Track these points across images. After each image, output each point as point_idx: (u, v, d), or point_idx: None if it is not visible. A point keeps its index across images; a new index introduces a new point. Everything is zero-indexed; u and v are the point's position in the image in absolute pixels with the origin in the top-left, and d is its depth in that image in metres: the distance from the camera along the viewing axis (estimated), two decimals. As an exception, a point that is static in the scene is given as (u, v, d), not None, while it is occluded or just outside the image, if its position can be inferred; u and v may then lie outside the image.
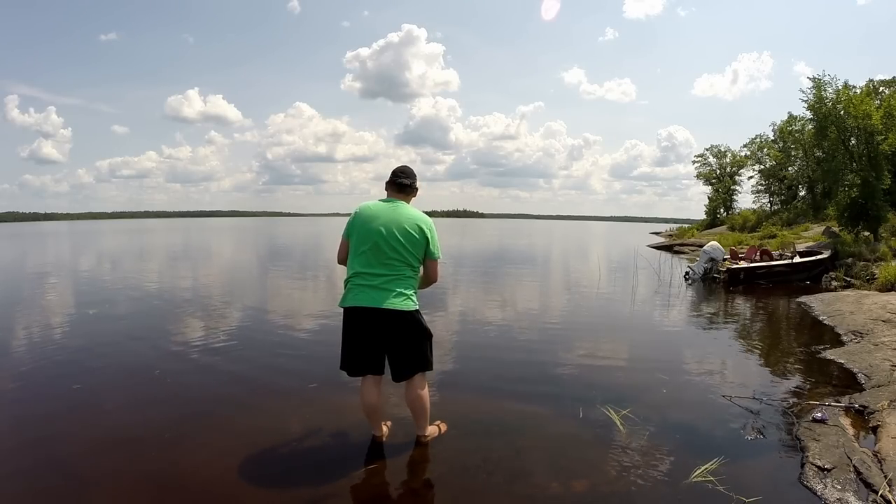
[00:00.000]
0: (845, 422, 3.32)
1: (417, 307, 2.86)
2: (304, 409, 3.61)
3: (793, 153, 31.43)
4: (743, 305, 8.87)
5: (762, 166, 34.77)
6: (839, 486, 2.53)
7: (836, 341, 5.76)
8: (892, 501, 2.38)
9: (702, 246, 14.37)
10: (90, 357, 4.94)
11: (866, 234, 14.05)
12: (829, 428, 3.18)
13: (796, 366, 4.90)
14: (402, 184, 2.95)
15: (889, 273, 8.83)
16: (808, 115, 16.40)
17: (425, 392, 2.95)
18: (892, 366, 4.44)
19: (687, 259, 16.97)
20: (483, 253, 20.59)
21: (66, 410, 3.59)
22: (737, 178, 39.94)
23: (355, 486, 2.63)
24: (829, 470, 2.68)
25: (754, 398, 3.78)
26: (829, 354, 5.12)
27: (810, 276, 11.08)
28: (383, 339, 2.80)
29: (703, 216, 41.67)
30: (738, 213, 34.91)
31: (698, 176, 42.53)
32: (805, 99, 15.28)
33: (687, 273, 11.84)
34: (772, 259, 11.83)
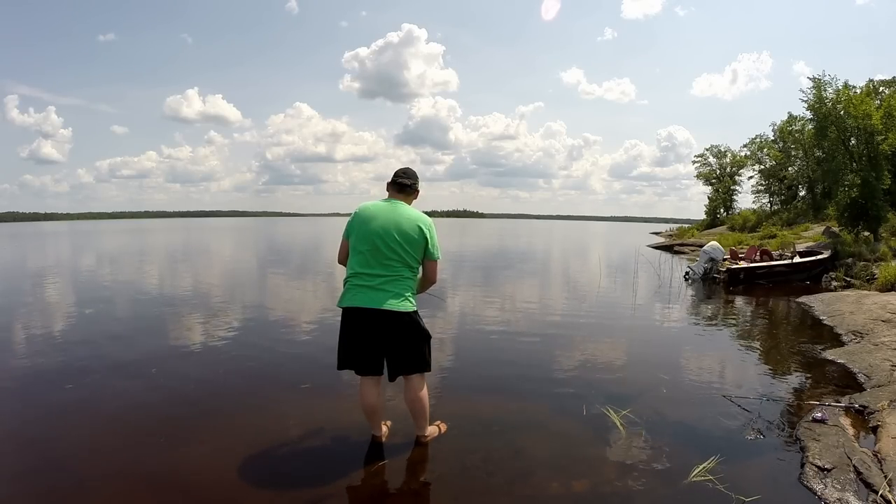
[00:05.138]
0: (845, 422, 3.32)
1: (416, 308, 2.86)
2: (303, 409, 3.62)
3: (793, 153, 31.44)
4: (743, 305, 8.87)
5: (762, 166, 34.77)
6: (839, 486, 2.53)
7: (836, 341, 5.76)
8: (892, 501, 2.38)
9: (702, 246, 14.37)
10: (86, 356, 4.93)
11: (866, 234, 14.04)
12: (829, 428, 3.18)
13: (796, 366, 4.90)
14: (402, 184, 2.95)
15: (889, 273, 8.83)
16: (808, 115, 16.39)
17: (424, 393, 2.94)
18: (892, 366, 4.44)
19: (687, 259, 16.97)
20: (483, 253, 20.58)
21: (62, 410, 3.59)
22: (737, 178, 39.97)
23: (355, 486, 2.63)
24: (829, 470, 2.68)
25: (754, 398, 3.78)
26: (829, 354, 5.12)
27: (810, 276, 11.08)
28: (381, 340, 2.80)
29: (703, 216, 41.67)
30: (738, 214, 34.91)
31: (698, 176, 42.57)
32: (805, 99, 15.28)
33: (687, 273, 11.84)
34: (772, 259, 11.83)
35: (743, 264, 11.38)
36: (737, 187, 40.03)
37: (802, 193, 32.46)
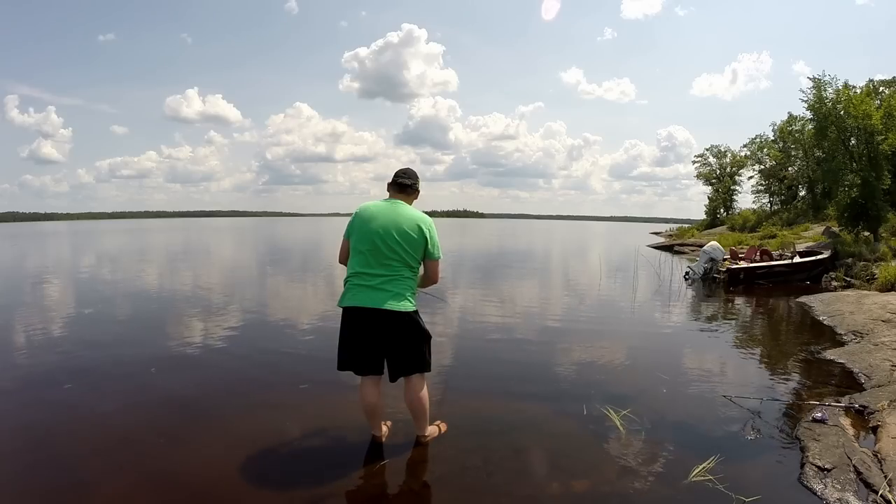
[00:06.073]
0: (845, 422, 3.32)
1: (416, 308, 2.86)
2: (303, 409, 3.62)
3: (793, 153, 31.44)
4: (743, 305, 8.87)
5: (762, 166, 34.78)
6: (839, 486, 2.53)
7: (836, 341, 5.75)
8: (892, 501, 2.37)
9: (702, 246, 14.36)
10: (85, 356, 4.94)
11: (866, 234, 14.05)
12: (829, 428, 3.18)
13: (796, 366, 4.90)
14: (402, 184, 2.96)
15: (889, 273, 8.83)
16: (808, 115, 16.39)
17: (424, 393, 2.94)
18: (892, 366, 4.44)
19: (687, 259, 16.97)
20: (483, 253, 20.59)
21: (61, 410, 3.59)
22: (737, 178, 39.99)
23: (355, 486, 2.63)
24: (828, 470, 2.68)
25: (754, 398, 3.78)
26: (829, 354, 5.12)
27: (810, 276, 11.08)
28: (381, 340, 2.80)
29: (703, 216, 41.71)
30: (738, 214, 34.94)
31: (698, 176, 42.60)
32: (805, 99, 15.27)
33: (687, 273, 11.84)
34: (772, 259, 11.83)
35: (743, 264, 11.38)
36: (737, 187, 40.10)
37: (802, 193, 32.47)
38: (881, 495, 2.42)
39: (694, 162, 43.21)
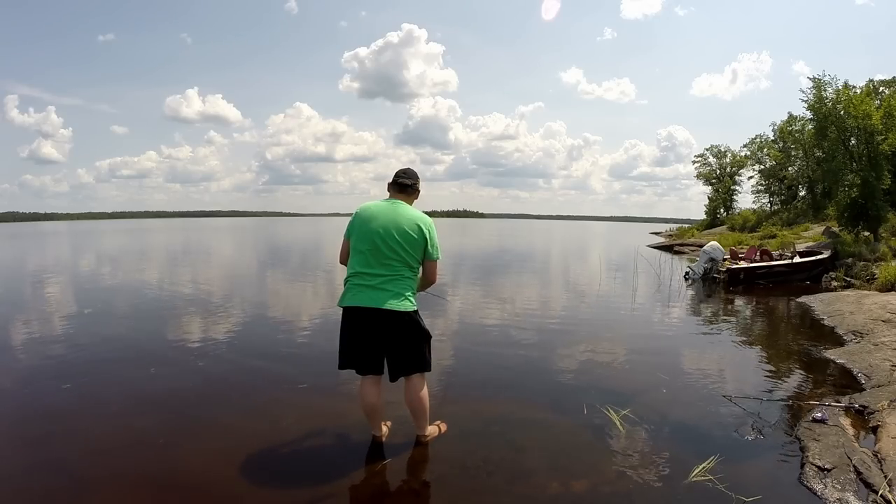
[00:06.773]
0: (845, 422, 3.32)
1: (416, 308, 2.86)
2: (303, 409, 3.62)
3: (793, 153, 31.46)
4: (743, 305, 8.87)
5: (762, 166, 34.81)
6: (839, 486, 2.53)
7: (836, 341, 5.75)
8: (893, 501, 2.38)
9: (702, 246, 14.37)
10: (84, 356, 4.93)
11: (866, 234, 14.05)
12: (829, 428, 3.18)
13: (796, 366, 4.90)
14: (402, 184, 2.96)
15: (889, 273, 8.83)
16: (808, 115, 16.40)
17: (424, 392, 2.94)
18: (893, 366, 4.44)
19: (687, 259, 16.97)
20: (483, 253, 20.59)
21: (60, 410, 3.58)
22: (737, 178, 40.02)
23: (355, 486, 2.63)
24: (828, 470, 2.68)
25: (754, 398, 3.78)
26: (829, 354, 5.12)
27: (810, 276, 11.08)
28: (381, 340, 2.80)
29: (703, 216, 41.74)
30: (738, 214, 34.96)
31: (698, 176, 42.63)
32: (805, 99, 15.28)
33: (687, 273, 11.83)
34: (772, 259, 11.83)
35: (743, 264, 11.38)
36: (737, 187, 40.13)
37: (802, 193, 32.49)
38: (881, 495, 2.42)
39: (694, 162, 43.31)
